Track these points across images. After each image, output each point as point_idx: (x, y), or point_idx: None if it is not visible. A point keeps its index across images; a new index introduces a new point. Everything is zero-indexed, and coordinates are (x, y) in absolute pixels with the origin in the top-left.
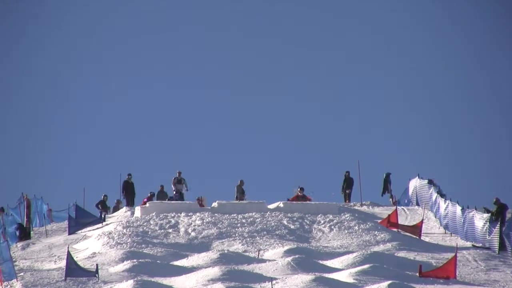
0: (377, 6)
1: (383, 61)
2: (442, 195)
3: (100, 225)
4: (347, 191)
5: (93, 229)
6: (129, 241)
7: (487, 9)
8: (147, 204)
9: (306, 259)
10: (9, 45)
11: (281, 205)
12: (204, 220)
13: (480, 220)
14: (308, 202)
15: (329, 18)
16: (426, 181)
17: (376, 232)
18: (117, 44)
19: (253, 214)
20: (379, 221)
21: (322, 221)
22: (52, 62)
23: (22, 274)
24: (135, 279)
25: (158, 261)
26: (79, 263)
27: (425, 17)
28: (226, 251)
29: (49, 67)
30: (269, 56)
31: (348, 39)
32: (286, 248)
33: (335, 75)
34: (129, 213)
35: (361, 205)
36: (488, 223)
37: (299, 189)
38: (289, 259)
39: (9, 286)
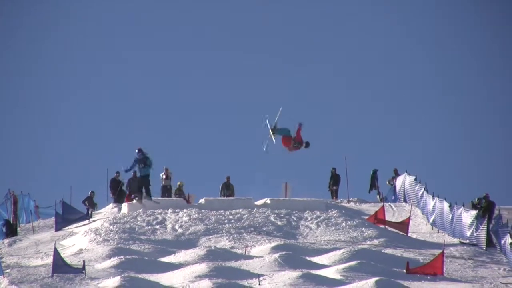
0: (369, 6)
1: (371, 59)
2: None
3: (87, 221)
4: (334, 188)
5: (80, 226)
6: (116, 237)
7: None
8: (134, 201)
9: (293, 256)
10: None
11: (268, 201)
12: (191, 217)
13: (467, 216)
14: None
15: (316, 18)
16: (413, 177)
17: (363, 229)
18: (105, 40)
19: (240, 210)
20: (366, 217)
21: (309, 218)
22: (40, 61)
23: (9, 270)
24: (122, 275)
25: (145, 258)
26: (66, 259)
27: (416, 15)
28: (213, 248)
29: (37, 66)
30: (257, 54)
31: (336, 38)
32: (273, 244)
33: (323, 72)
34: (116, 209)
35: (348, 201)
36: (476, 220)
37: (304, 145)
38: (276, 255)
39: None
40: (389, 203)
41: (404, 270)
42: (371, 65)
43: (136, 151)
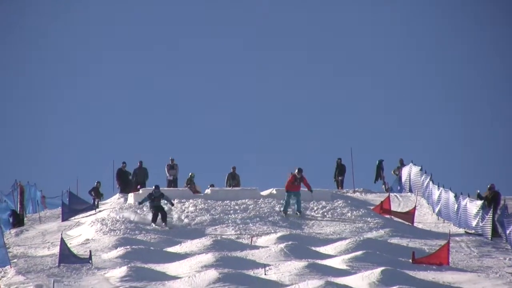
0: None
1: (376, 48)
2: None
3: (93, 211)
4: (339, 178)
5: (87, 216)
6: (122, 227)
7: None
8: (140, 191)
9: (299, 246)
10: (2, 34)
11: (274, 191)
12: (197, 207)
13: (473, 206)
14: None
15: (318, 17)
16: (419, 168)
17: (369, 219)
18: (109, 32)
19: (246, 200)
20: (372, 207)
21: (315, 208)
22: (45, 50)
23: (15, 260)
24: (129, 265)
25: (151, 248)
26: (72, 249)
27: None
28: (219, 238)
29: (43, 55)
30: (261, 45)
31: (341, 31)
32: (279, 234)
33: (327, 62)
34: (122, 199)
35: (354, 191)
36: (481, 210)
37: (297, 171)
38: (282, 245)
39: (2, 273)
40: (395, 193)
41: (410, 260)
42: (375, 55)
43: (154, 187)
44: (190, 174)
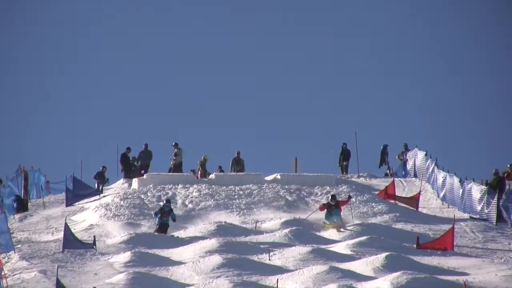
0: None
1: (383, 32)
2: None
3: (97, 197)
4: (344, 163)
5: (91, 201)
6: (126, 213)
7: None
8: (144, 176)
9: (304, 231)
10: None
11: (278, 176)
12: (202, 192)
13: (478, 191)
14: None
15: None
16: (424, 153)
17: (373, 204)
18: (115, 11)
19: (250, 186)
20: (376, 192)
21: (319, 193)
22: (51, 34)
23: (19, 246)
24: (133, 250)
25: (155, 233)
26: (76, 235)
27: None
28: (223, 223)
29: (47, 39)
30: (266, 22)
31: (348, 5)
32: (283, 219)
33: (334, 45)
34: (126, 185)
35: (358, 177)
36: (486, 194)
37: (330, 198)
38: (286, 230)
39: (6, 258)
40: (399, 178)
41: (414, 245)
42: (383, 38)
43: (165, 201)
44: (203, 156)
